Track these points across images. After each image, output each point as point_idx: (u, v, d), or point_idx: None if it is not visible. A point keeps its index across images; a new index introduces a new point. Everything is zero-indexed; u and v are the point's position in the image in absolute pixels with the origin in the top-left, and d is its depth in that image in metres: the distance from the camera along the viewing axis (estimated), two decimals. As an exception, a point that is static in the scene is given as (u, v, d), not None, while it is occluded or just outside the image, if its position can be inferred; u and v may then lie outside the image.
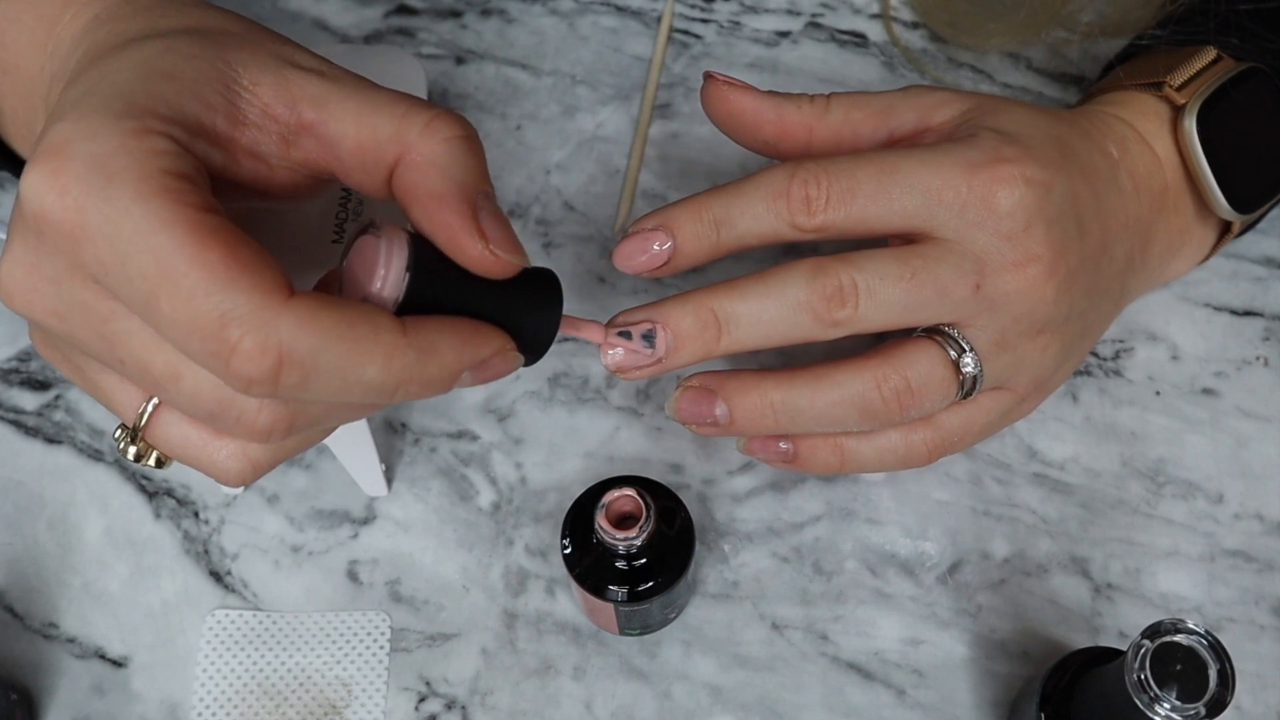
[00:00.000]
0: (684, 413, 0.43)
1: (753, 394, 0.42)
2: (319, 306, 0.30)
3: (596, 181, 0.58)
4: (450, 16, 0.62)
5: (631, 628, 0.48)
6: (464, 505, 0.51)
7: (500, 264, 0.34)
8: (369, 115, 0.34)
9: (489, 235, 0.33)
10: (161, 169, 0.30)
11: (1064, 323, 0.43)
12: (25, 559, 0.51)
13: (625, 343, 0.41)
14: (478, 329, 0.34)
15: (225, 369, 0.30)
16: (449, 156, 0.33)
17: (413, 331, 0.32)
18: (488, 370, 0.35)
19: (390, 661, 0.49)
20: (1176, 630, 0.36)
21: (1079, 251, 0.43)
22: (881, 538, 0.50)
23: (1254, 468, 0.51)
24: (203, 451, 0.35)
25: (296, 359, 0.30)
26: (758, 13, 0.62)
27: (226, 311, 0.29)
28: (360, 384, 0.31)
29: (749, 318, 0.41)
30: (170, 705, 0.48)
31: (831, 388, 0.42)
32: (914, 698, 0.47)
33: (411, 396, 0.33)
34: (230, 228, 0.30)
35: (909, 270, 0.40)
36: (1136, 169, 0.47)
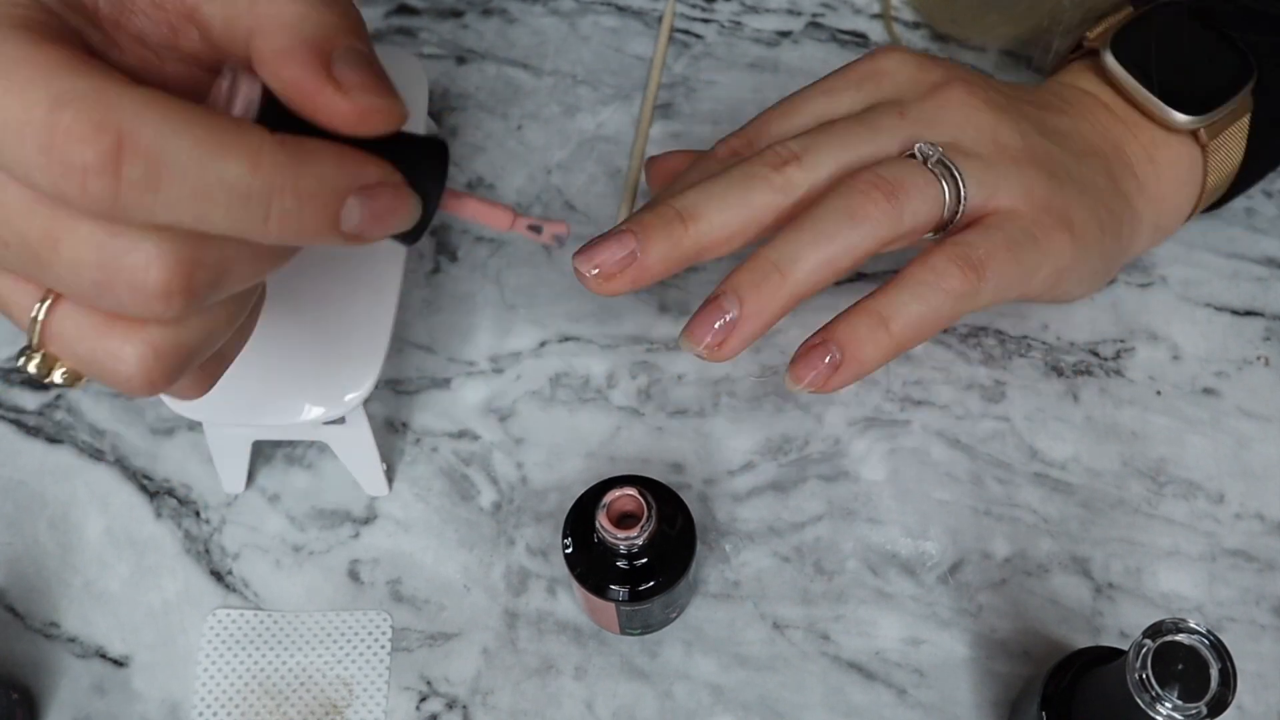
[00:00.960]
0: (699, 334, 0.40)
1: (747, 265, 0.40)
2: (170, 96, 0.27)
3: (598, 181, 0.58)
4: (451, 16, 0.62)
5: (632, 627, 0.48)
6: (465, 505, 0.51)
7: (358, 109, 0.30)
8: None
9: (344, 79, 0.29)
10: (23, 15, 0.28)
11: (1026, 146, 0.44)
12: (26, 558, 0.51)
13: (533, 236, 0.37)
14: (358, 152, 0.30)
15: (59, 162, 0.27)
16: (297, 16, 0.30)
17: (284, 136, 0.29)
18: (378, 200, 0.30)
19: (391, 661, 0.49)
20: (1178, 630, 0.36)
21: (1007, 94, 0.46)
22: (882, 537, 0.50)
23: (1255, 468, 0.51)
24: (101, 344, 0.31)
25: (141, 144, 0.27)
26: (759, 12, 0.62)
27: (60, 94, 0.26)
28: (223, 186, 0.28)
29: (705, 198, 0.40)
30: (171, 705, 0.48)
31: (813, 210, 0.40)
32: (915, 697, 0.48)
33: (290, 221, 0.29)
34: (79, 47, 0.28)
35: (835, 123, 0.43)
36: (1068, 104, 0.49)
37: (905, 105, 0.44)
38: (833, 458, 0.52)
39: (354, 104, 0.29)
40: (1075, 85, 0.50)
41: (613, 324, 0.54)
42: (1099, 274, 0.48)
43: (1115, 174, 0.48)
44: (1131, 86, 0.49)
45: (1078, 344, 0.53)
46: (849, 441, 0.52)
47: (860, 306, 0.41)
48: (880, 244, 0.40)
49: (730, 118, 0.59)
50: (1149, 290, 0.54)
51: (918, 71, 0.45)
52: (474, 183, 0.58)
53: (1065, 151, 0.46)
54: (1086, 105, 0.49)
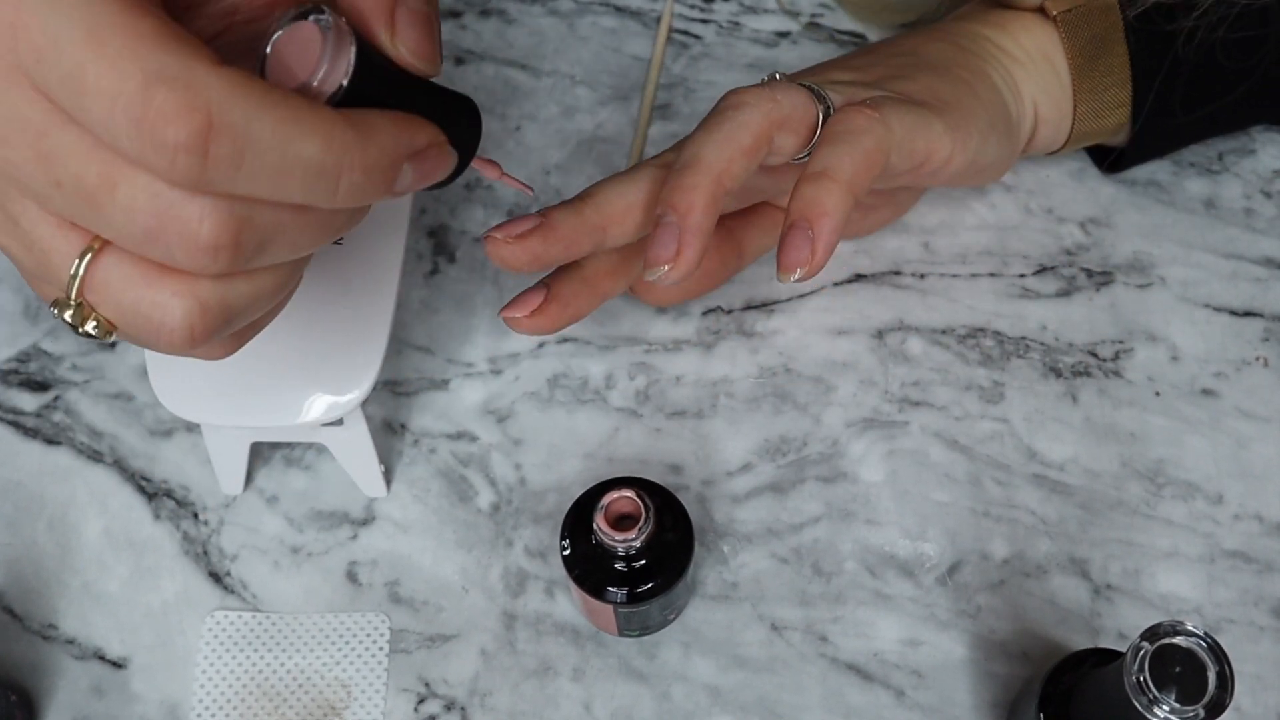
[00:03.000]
0: (654, 258, 0.42)
1: (667, 180, 0.43)
2: (253, 78, 0.29)
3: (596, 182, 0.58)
4: (449, 17, 0.62)
5: (631, 629, 0.48)
6: (463, 506, 0.51)
7: (405, 63, 0.33)
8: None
9: (400, 31, 0.33)
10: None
11: (864, 74, 0.48)
12: (24, 560, 0.51)
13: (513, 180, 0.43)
14: (411, 119, 0.33)
15: (150, 137, 0.28)
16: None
17: (349, 113, 0.31)
18: (425, 162, 0.34)
19: (389, 662, 0.49)
20: (1176, 632, 0.36)
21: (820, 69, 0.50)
22: (881, 539, 0.50)
23: (1254, 468, 0.51)
24: (145, 293, 0.32)
25: (228, 124, 0.28)
26: (757, 13, 0.62)
27: (153, 71, 0.28)
28: (300, 163, 0.30)
29: (599, 187, 0.45)
30: (170, 706, 0.48)
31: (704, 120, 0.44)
32: (913, 699, 0.47)
33: (356, 191, 0.31)
34: (167, 17, 0.29)
35: None
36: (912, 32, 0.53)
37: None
38: (831, 459, 0.52)
39: (399, 53, 0.33)
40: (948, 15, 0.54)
41: (611, 325, 0.54)
42: (995, 126, 0.49)
43: (967, 45, 0.51)
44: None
45: (1076, 345, 0.53)
46: (847, 443, 0.52)
47: (801, 178, 0.43)
48: (767, 121, 0.43)
49: (729, 118, 0.59)
50: (1148, 291, 0.54)
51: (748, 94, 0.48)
52: (472, 183, 0.58)
53: (902, 55, 0.50)
54: (935, 23, 0.53)
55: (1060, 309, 0.54)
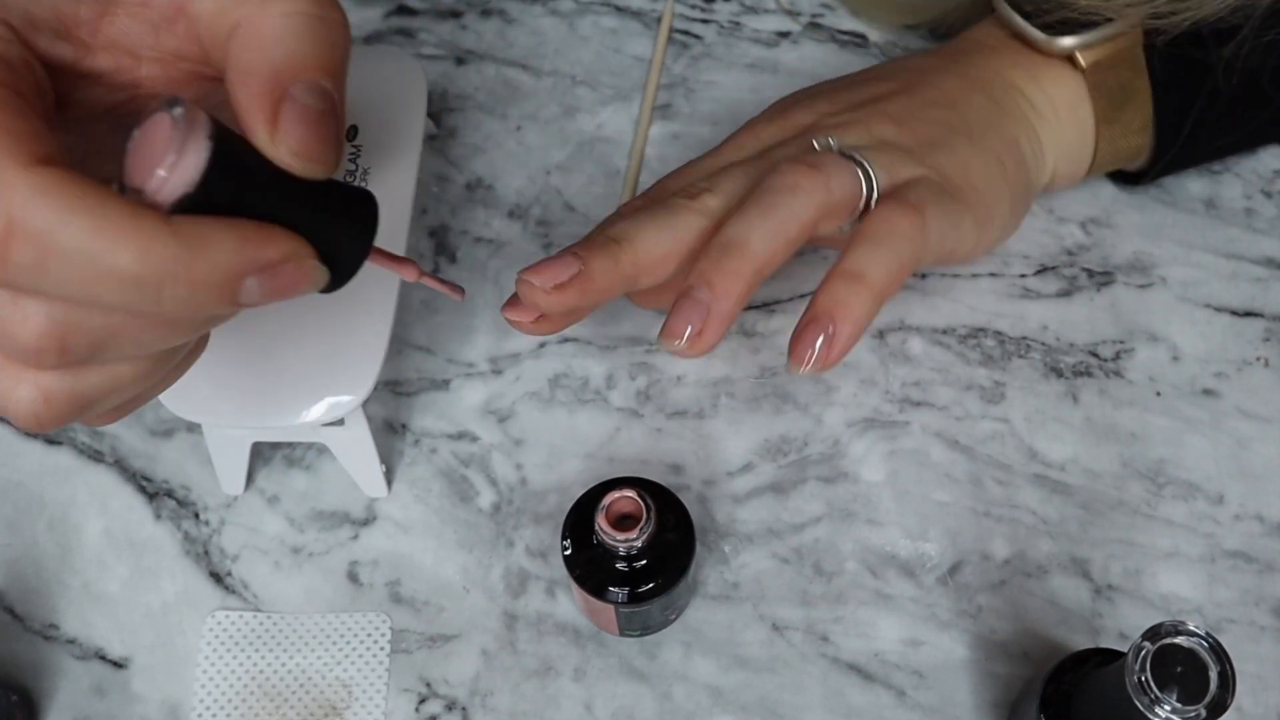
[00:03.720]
0: (677, 329, 0.42)
1: (706, 254, 0.42)
2: (68, 179, 0.27)
3: (597, 182, 0.58)
4: (450, 17, 0.62)
5: (632, 629, 0.48)
6: (464, 506, 0.51)
7: (285, 164, 0.30)
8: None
9: (283, 129, 0.29)
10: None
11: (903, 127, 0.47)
12: (25, 560, 0.51)
13: (436, 281, 0.39)
14: (262, 229, 0.30)
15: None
16: (276, 31, 0.30)
17: (179, 222, 0.28)
18: (279, 278, 0.30)
19: (391, 663, 0.49)
20: (1177, 632, 0.36)
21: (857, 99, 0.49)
22: (882, 539, 0.50)
23: (1254, 469, 0.51)
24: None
25: (30, 230, 0.27)
26: (758, 13, 0.62)
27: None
28: (113, 274, 0.27)
29: (635, 226, 0.44)
30: (170, 706, 0.48)
31: (752, 195, 0.43)
32: (914, 699, 0.47)
33: (183, 304, 0.29)
34: (6, 97, 0.28)
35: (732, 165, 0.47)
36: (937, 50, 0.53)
37: (785, 142, 0.47)
38: (832, 459, 0.52)
39: (277, 152, 0.30)
40: (969, 36, 0.52)
41: (611, 325, 0.54)
42: (1016, 209, 0.50)
43: (1000, 98, 0.50)
44: (1008, 16, 0.50)
45: (1077, 345, 0.53)
46: (848, 443, 0.52)
47: (833, 273, 0.42)
48: (818, 212, 0.43)
49: (729, 118, 0.59)
50: (1148, 291, 0.54)
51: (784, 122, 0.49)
52: (473, 183, 0.58)
53: (943, 108, 0.49)
54: (964, 51, 0.52)
55: (1061, 309, 0.54)
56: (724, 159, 0.48)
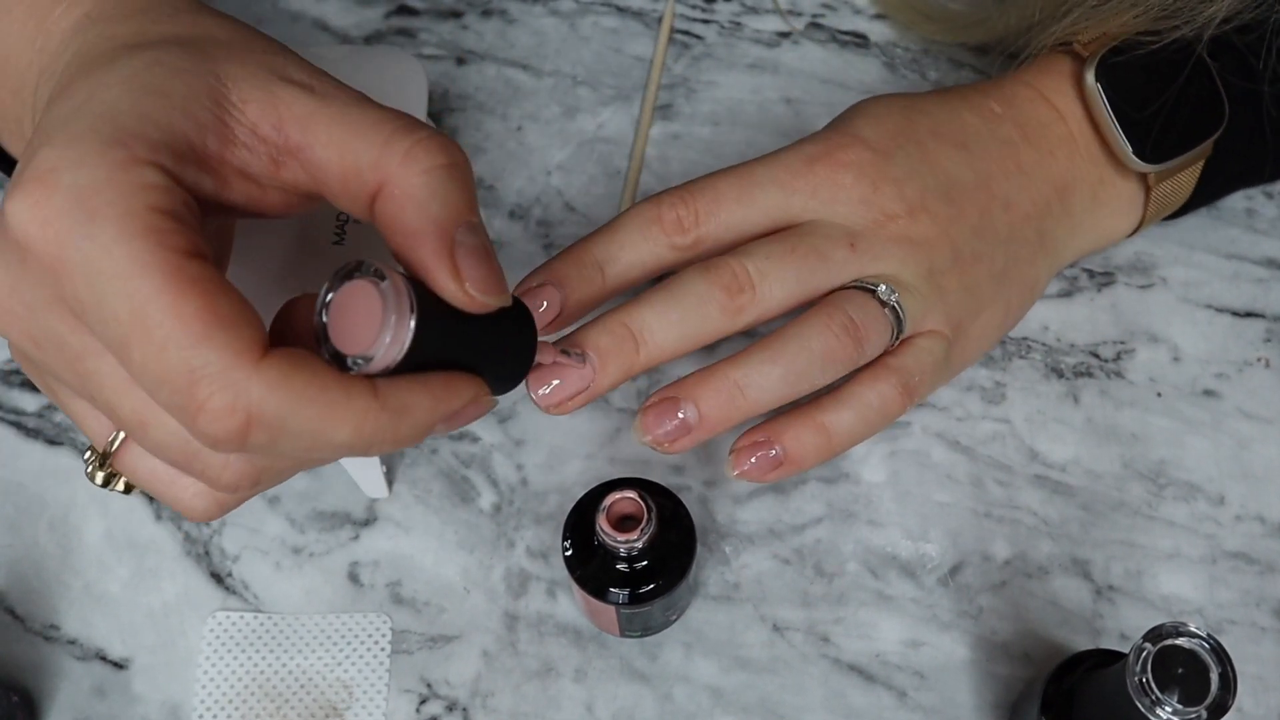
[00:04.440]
0: (651, 426, 0.42)
1: (713, 380, 0.42)
2: (292, 368, 0.30)
3: (597, 182, 0.58)
4: (451, 17, 0.62)
5: (633, 630, 0.48)
6: (465, 507, 0.51)
7: (476, 304, 0.32)
8: (352, 140, 0.32)
9: (465, 274, 0.32)
10: (147, 205, 0.29)
11: (957, 263, 0.45)
12: (26, 561, 0.51)
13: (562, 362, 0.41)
14: (451, 382, 0.33)
15: (193, 425, 0.30)
16: (428, 189, 0.32)
17: (385, 393, 0.31)
18: (460, 419, 0.34)
19: (391, 663, 0.49)
20: (1178, 633, 0.36)
21: (944, 199, 0.45)
22: (882, 539, 0.50)
23: (1255, 469, 0.51)
24: (169, 488, 0.35)
25: (265, 421, 0.29)
26: (759, 13, 0.62)
27: (197, 368, 0.29)
28: (331, 445, 0.31)
29: (659, 322, 0.42)
30: (171, 707, 0.48)
31: (785, 343, 0.42)
32: (915, 700, 0.47)
33: (386, 451, 0.32)
34: (212, 276, 0.30)
35: (788, 246, 0.43)
36: (1027, 121, 0.49)
37: (856, 237, 0.44)
38: (833, 460, 0.52)
39: (471, 300, 0.32)
40: (1050, 100, 0.49)
41: (613, 326, 0.54)
42: (990, 349, 0.51)
43: (1048, 229, 0.49)
44: (1101, 118, 0.48)
45: (1078, 345, 0.53)
46: (849, 443, 0.52)
47: (808, 417, 0.43)
48: (836, 378, 0.43)
49: (730, 118, 0.59)
50: (1149, 291, 0.54)
51: (871, 193, 0.44)
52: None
53: (996, 243, 0.47)
54: (1051, 139, 0.49)
55: (1062, 309, 0.54)
56: (788, 203, 0.44)
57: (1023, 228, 0.48)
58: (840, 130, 0.46)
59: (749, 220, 0.44)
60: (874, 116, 0.47)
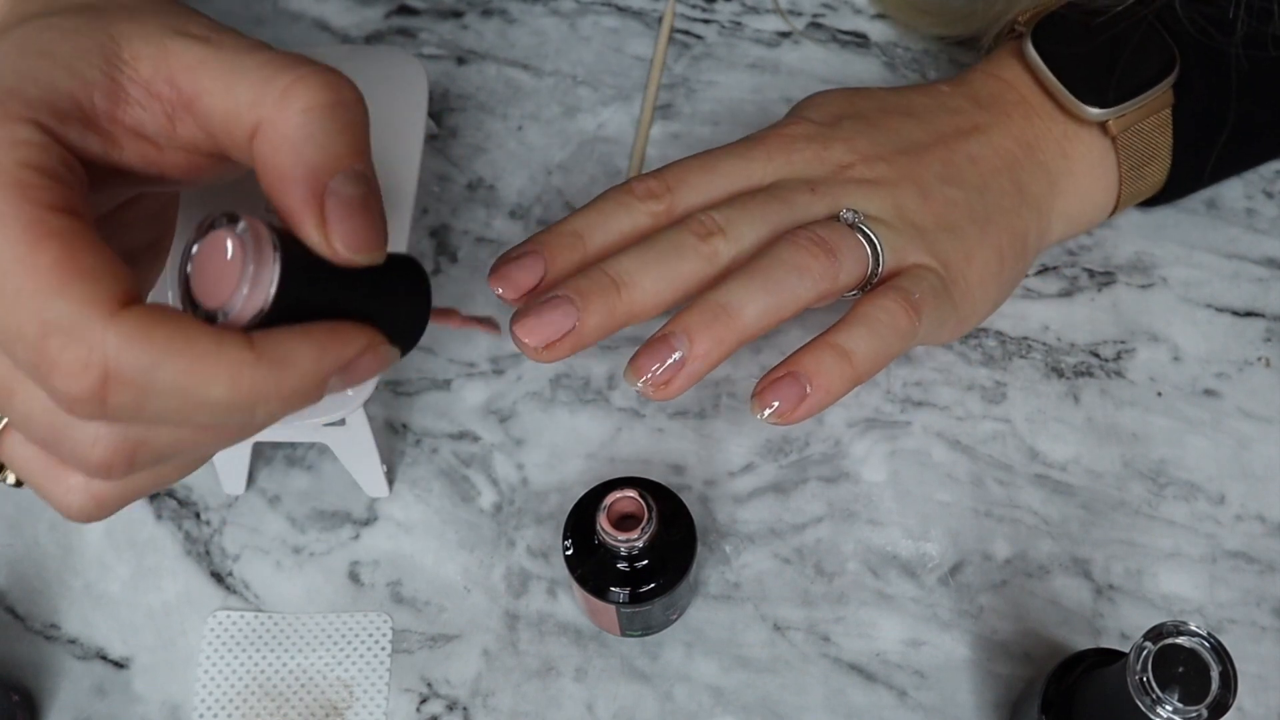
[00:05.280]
0: (644, 367, 0.41)
1: (695, 306, 0.41)
2: (154, 320, 0.28)
3: (598, 182, 0.58)
4: (451, 17, 0.62)
5: (633, 629, 0.48)
6: (465, 506, 0.51)
7: (342, 259, 0.30)
8: (234, 83, 0.30)
9: (333, 227, 0.30)
10: (16, 161, 0.28)
11: (927, 202, 0.46)
12: (26, 560, 0.51)
13: (474, 322, 0.40)
14: (337, 331, 0.31)
15: (48, 384, 0.28)
16: (303, 130, 0.30)
17: (262, 344, 0.29)
18: (358, 370, 0.32)
19: (392, 663, 0.49)
20: (1179, 632, 0.36)
21: (900, 152, 0.47)
22: (883, 539, 0.50)
23: (1255, 469, 0.51)
24: (46, 479, 0.33)
25: (126, 377, 0.28)
26: (759, 13, 0.62)
27: (49, 320, 0.27)
28: (207, 405, 0.29)
29: (637, 265, 0.42)
30: (171, 706, 0.48)
31: (758, 260, 0.42)
32: (915, 699, 0.48)
33: (276, 413, 0.30)
34: (78, 230, 0.28)
35: (752, 196, 0.45)
36: (978, 93, 0.51)
37: (814, 182, 0.45)
38: (833, 459, 0.52)
39: (333, 250, 0.30)
40: (999, 75, 0.51)
41: (613, 325, 0.54)
42: (999, 301, 0.50)
43: (1024, 181, 0.49)
44: (1044, 76, 0.49)
45: (1078, 345, 0.53)
46: (849, 443, 0.52)
47: (823, 341, 0.42)
48: (819, 297, 0.42)
49: (730, 118, 0.59)
50: (1149, 291, 0.54)
51: (821, 150, 0.46)
52: (474, 183, 0.58)
53: (969, 189, 0.48)
54: (1005, 103, 0.50)
55: (1062, 309, 0.54)
56: (748, 169, 0.46)
57: (996, 178, 0.48)
58: (786, 117, 0.49)
59: (715, 185, 0.45)
60: (817, 104, 0.49)
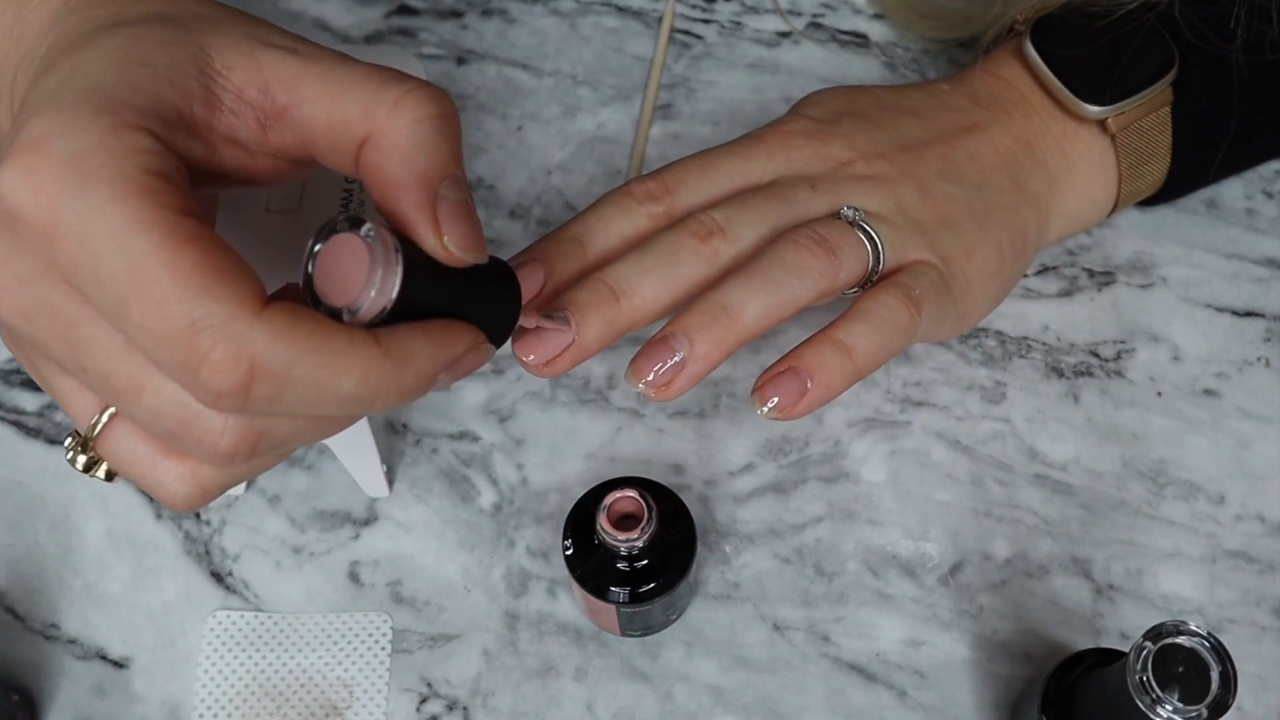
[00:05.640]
0: (645, 368, 0.41)
1: (696, 306, 0.41)
2: (293, 318, 0.30)
3: (598, 182, 0.58)
4: (451, 17, 0.62)
5: (633, 629, 0.48)
6: (465, 506, 0.51)
7: (455, 259, 0.32)
8: (339, 94, 0.32)
9: (446, 229, 0.32)
10: (140, 168, 0.29)
11: (926, 199, 0.46)
12: (26, 560, 0.51)
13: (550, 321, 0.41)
14: (450, 330, 0.33)
15: (194, 380, 0.29)
16: (415, 140, 0.32)
17: (387, 341, 0.31)
18: (462, 366, 0.34)
19: (392, 662, 0.49)
20: (1178, 632, 0.36)
21: (899, 148, 0.47)
22: (883, 539, 0.50)
23: (1255, 469, 0.51)
24: (151, 470, 0.34)
25: (270, 371, 0.29)
26: (759, 13, 0.62)
27: (198, 319, 0.29)
28: (337, 397, 0.31)
29: (635, 271, 0.42)
30: (171, 706, 0.48)
31: (758, 260, 0.42)
32: (915, 699, 0.48)
33: (393, 405, 0.32)
34: (207, 233, 0.30)
35: (752, 194, 0.44)
36: (977, 92, 0.51)
37: (814, 179, 0.45)
38: (833, 459, 0.52)
39: (448, 252, 0.32)
40: (998, 74, 0.51)
41: (613, 325, 0.54)
42: (999, 298, 0.50)
43: (1023, 179, 0.49)
44: (1043, 74, 0.49)
45: (1078, 345, 0.53)
46: (849, 443, 0.52)
47: (824, 336, 0.42)
48: (819, 296, 0.42)
49: (730, 118, 0.59)
50: (1149, 291, 0.54)
51: (821, 147, 0.46)
52: (474, 183, 0.58)
53: (968, 186, 0.47)
54: (1004, 101, 0.50)
55: (1062, 309, 0.54)
56: (747, 167, 0.46)
57: (994, 176, 0.48)
58: (786, 115, 0.48)
59: (715, 184, 0.45)
60: (816, 101, 0.49)
